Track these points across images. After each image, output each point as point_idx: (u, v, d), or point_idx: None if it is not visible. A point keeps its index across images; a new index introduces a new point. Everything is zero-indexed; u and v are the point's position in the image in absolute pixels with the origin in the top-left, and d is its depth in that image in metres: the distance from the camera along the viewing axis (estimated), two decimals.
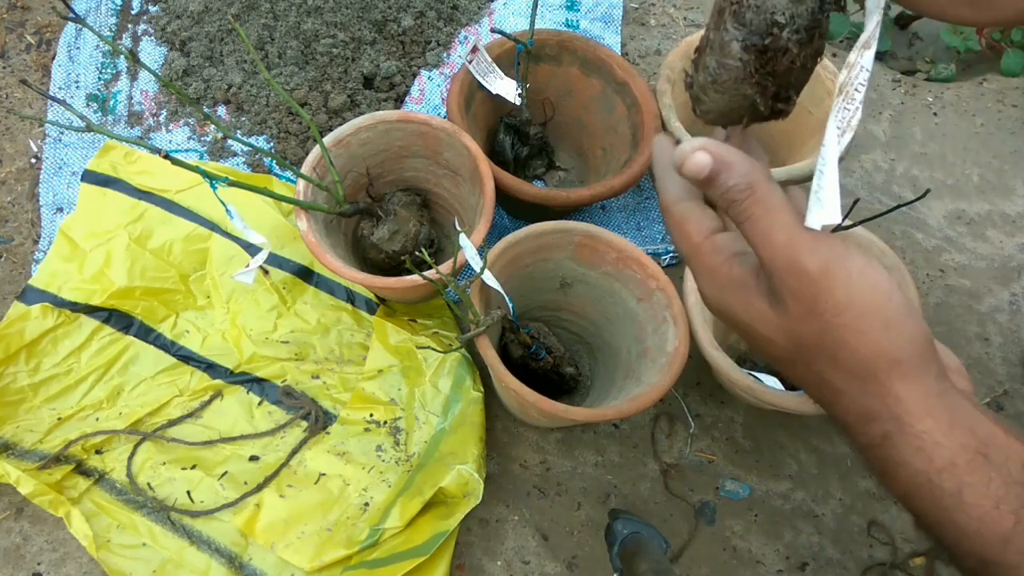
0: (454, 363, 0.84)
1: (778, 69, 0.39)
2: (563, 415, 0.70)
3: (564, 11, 1.15)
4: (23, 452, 0.79)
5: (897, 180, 1.11)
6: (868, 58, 0.37)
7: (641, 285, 0.80)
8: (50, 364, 0.83)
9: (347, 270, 0.76)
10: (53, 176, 0.95)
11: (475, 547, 0.80)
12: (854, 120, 0.39)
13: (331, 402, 0.85)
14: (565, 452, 0.86)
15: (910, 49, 1.35)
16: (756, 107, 0.40)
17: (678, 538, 0.82)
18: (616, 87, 0.96)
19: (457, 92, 0.89)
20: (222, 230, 0.92)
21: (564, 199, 0.86)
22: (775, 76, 0.39)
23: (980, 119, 1.18)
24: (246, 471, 0.81)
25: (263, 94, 1.01)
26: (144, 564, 0.75)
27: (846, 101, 0.38)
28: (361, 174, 0.87)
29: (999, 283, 1.03)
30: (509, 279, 0.78)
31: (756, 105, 0.40)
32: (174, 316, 0.88)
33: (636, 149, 0.91)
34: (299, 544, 0.75)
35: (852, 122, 0.38)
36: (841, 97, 0.38)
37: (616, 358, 0.84)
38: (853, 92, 0.38)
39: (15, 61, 1.05)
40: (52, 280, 0.86)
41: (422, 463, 0.80)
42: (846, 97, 0.38)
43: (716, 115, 0.42)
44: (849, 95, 0.38)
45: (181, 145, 0.99)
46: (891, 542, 0.84)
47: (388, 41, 1.05)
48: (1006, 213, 1.10)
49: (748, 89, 0.40)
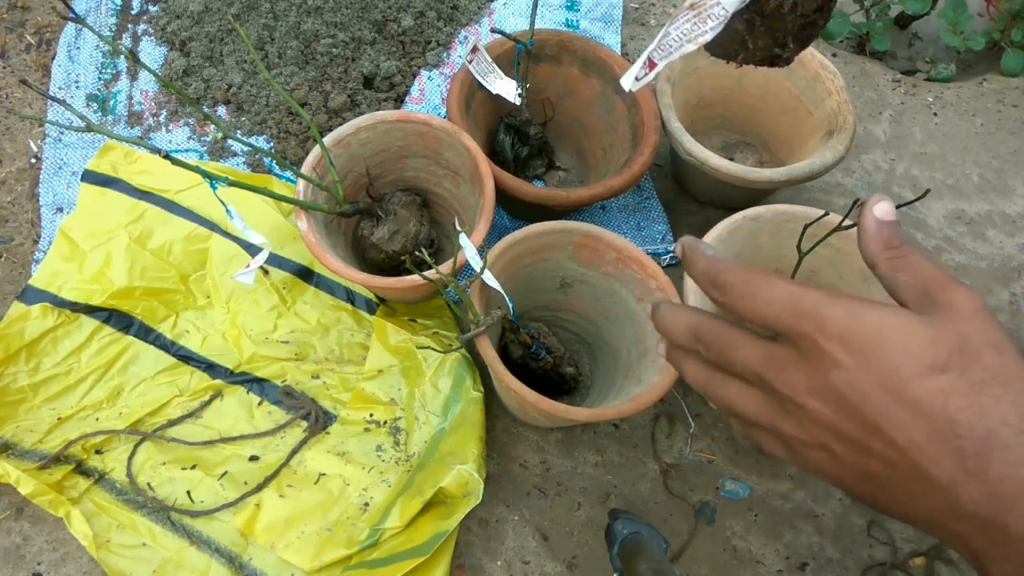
0: (454, 363, 0.85)
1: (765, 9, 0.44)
2: (563, 415, 0.70)
3: (564, 11, 1.15)
4: (23, 452, 0.79)
5: (897, 180, 1.11)
6: None
7: (641, 285, 0.80)
8: (50, 364, 0.83)
9: (347, 270, 0.76)
10: (53, 176, 0.95)
11: (475, 547, 0.80)
12: (700, 39, 0.44)
13: (331, 402, 0.85)
14: (565, 452, 0.86)
15: (910, 49, 1.35)
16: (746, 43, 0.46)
17: (678, 538, 0.82)
18: (616, 87, 0.96)
19: (457, 92, 0.89)
20: (222, 230, 0.92)
21: (564, 199, 0.86)
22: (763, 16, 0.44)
23: (980, 119, 1.18)
24: (246, 471, 0.81)
25: (263, 94, 1.01)
26: (144, 564, 0.75)
27: (698, 18, 0.43)
28: (361, 174, 0.87)
29: (999, 283, 1.03)
30: (509, 279, 0.78)
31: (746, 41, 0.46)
32: (174, 316, 0.88)
33: (636, 149, 0.91)
34: (299, 544, 0.75)
35: (698, 39, 0.44)
36: (693, 11, 0.43)
37: (616, 358, 0.84)
38: (707, 13, 0.43)
39: (15, 61, 1.05)
40: (52, 280, 0.86)
41: (422, 463, 0.80)
42: (699, 14, 0.43)
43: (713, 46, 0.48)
44: (703, 14, 0.43)
45: (181, 145, 0.99)
46: (891, 542, 0.84)
47: (388, 41, 1.05)
48: (1006, 213, 1.10)
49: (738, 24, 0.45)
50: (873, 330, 0.33)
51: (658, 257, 0.97)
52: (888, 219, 0.37)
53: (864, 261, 0.38)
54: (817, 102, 0.97)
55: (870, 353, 0.33)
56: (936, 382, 0.32)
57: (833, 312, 0.34)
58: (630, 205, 1.03)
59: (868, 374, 0.33)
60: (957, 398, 0.31)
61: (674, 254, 0.98)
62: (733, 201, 0.97)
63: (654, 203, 1.03)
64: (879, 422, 0.33)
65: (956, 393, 0.31)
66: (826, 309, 0.34)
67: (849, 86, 1.18)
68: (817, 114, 0.97)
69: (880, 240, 0.37)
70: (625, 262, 0.80)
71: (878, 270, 0.37)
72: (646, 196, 1.03)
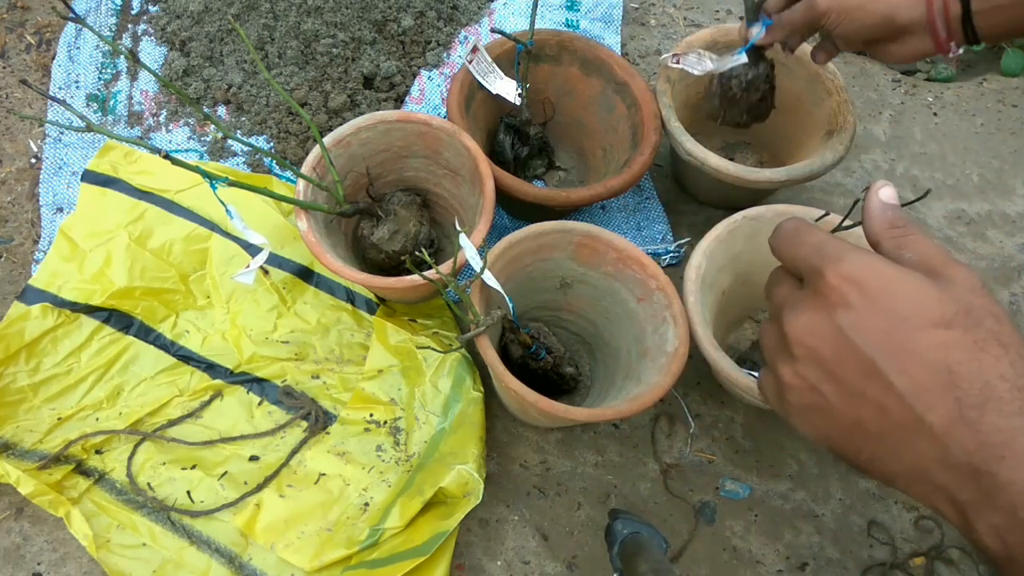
0: (454, 363, 0.85)
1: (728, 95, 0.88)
2: (563, 415, 0.70)
3: (564, 11, 1.15)
4: (23, 452, 0.79)
5: (897, 180, 1.11)
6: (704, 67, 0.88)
7: (641, 285, 0.80)
8: (50, 364, 0.83)
9: (347, 270, 0.76)
10: (53, 176, 0.95)
11: (475, 547, 0.80)
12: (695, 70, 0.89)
13: (331, 402, 0.85)
14: (565, 452, 0.86)
15: None
16: (722, 112, 0.90)
17: (678, 538, 0.82)
18: (616, 87, 0.96)
19: (457, 92, 0.89)
20: (222, 230, 0.92)
21: (564, 199, 0.86)
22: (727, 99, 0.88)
23: (980, 119, 1.18)
24: (246, 471, 0.81)
25: (263, 94, 1.01)
26: (144, 564, 0.75)
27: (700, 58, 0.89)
28: (361, 174, 0.87)
29: (999, 283, 1.03)
30: (509, 279, 0.78)
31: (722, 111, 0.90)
32: (174, 316, 0.88)
33: (636, 149, 0.91)
34: (299, 544, 0.75)
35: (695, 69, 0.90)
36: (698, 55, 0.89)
37: (616, 358, 0.84)
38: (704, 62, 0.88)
39: (15, 61, 1.05)
40: (52, 280, 0.86)
41: (422, 463, 0.80)
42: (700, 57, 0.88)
43: (706, 114, 0.93)
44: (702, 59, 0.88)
45: (181, 145, 0.99)
46: (891, 542, 0.84)
47: (388, 41, 1.05)
48: (1006, 213, 1.10)
49: (715, 100, 0.90)
50: (887, 280, 0.34)
51: (658, 257, 0.97)
52: (891, 202, 0.38)
53: (867, 240, 0.38)
54: (817, 102, 0.97)
55: (881, 299, 0.34)
56: (941, 335, 0.33)
57: (852, 257, 0.35)
58: (630, 205, 1.03)
59: (875, 319, 0.34)
60: (959, 351, 0.32)
61: (674, 254, 0.98)
62: (733, 201, 0.97)
63: (654, 203, 1.03)
64: (879, 365, 0.34)
65: (959, 347, 0.33)
66: (847, 254, 0.35)
67: (849, 86, 1.18)
68: (817, 114, 0.97)
69: (885, 219, 0.38)
70: (625, 262, 0.80)
71: (881, 247, 0.38)
72: (646, 196, 1.03)
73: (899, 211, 0.38)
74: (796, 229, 0.39)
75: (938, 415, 0.33)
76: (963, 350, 0.33)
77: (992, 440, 0.32)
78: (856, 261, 0.35)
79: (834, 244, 0.36)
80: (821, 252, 0.36)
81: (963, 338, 0.33)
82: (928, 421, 0.33)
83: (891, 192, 0.39)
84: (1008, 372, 0.32)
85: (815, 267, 0.36)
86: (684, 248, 0.98)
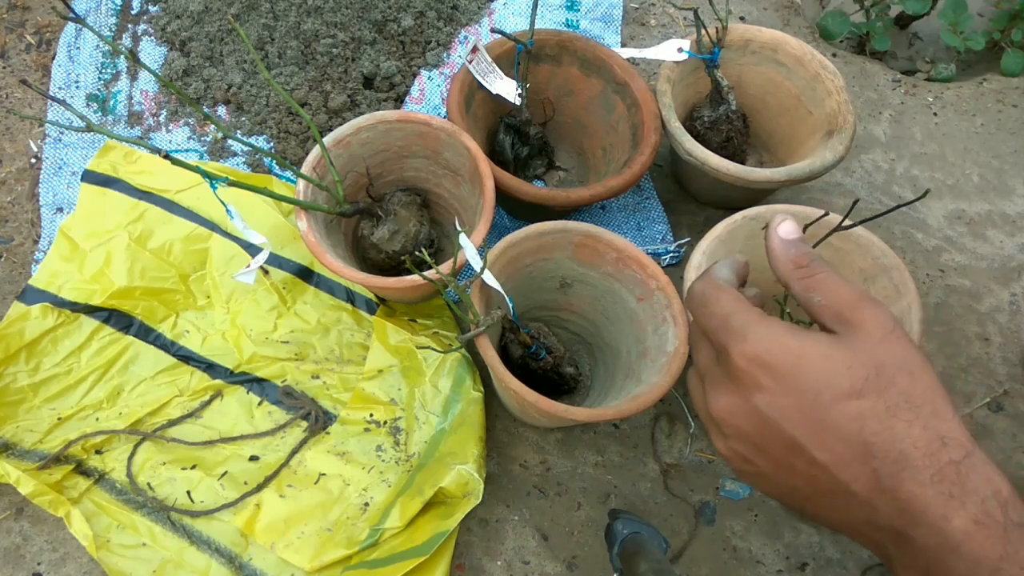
0: (454, 363, 0.85)
1: (696, 134, 0.96)
2: (563, 415, 0.70)
3: (564, 11, 1.15)
4: (23, 452, 0.79)
5: (897, 180, 1.11)
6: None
7: (641, 285, 0.80)
8: (50, 364, 0.83)
9: (347, 270, 0.76)
10: (53, 176, 0.95)
11: (475, 547, 0.80)
12: None
13: (331, 402, 0.85)
14: (565, 452, 0.86)
15: (910, 49, 1.35)
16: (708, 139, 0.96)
17: (678, 538, 0.82)
18: (616, 87, 0.96)
19: (457, 92, 0.89)
20: (222, 230, 0.92)
21: (564, 199, 0.86)
22: (698, 137, 0.94)
23: (980, 119, 1.18)
24: (246, 471, 0.81)
25: (263, 94, 1.01)
26: (144, 564, 0.75)
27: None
28: (361, 174, 0.87)
29: (999, 283, 1.03)
30: (509, 279, 0.78)
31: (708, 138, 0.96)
32: (174, 316, 0.88)
33: (636, 149, 0.91)
34: (299, 544, 0.75)
35: None
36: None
37: (616, 358, 0.84)
38: None
39: (15, 61, 1.05)
40: (52, 280, 0.86)
41: (422, 463, 0.80)
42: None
43: None
44: None
45: (181, 145, 0.99)
46: None
47: (388, 41, 1.05)
48: (1006, 213, 1.10)
49: None
50: (793, 355, 0.35)
51: (658, 257, 0.97)
52: (792, 237, 0.39)
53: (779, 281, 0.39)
54: (817, 102, 0.97)
55: (790, 378, 0.35)
56: (853, 407, 0.34)
57: (755, 335, 0.36)
58: (630, 205, 1.03)
59: (789, 397, 0.35)
60: (873, 421, 0.33)
61: (674, 254, 0.98)
62: (733, 201, 0.97)
63: (654, 203, 1.03)
64: (800, 442, 0.35)
65: (872, 416, 0.34)
66: (750, 331, 0.36)
67: (849, 86, 1.18)
68: (817, 114, 0.97)
69: (788, 259, 0.38)
70: (625, 262, 0.80)
71: (791, 290, 0.38)
72: (646, 196, 1.03)
73: (801, 247, 0.39)
74: (703, 296, 0.39)
75: (861, 485, 0.34)
76: (876, 419, 0.33)
77: (910, 508, 0.33)
78: (760, 339, 0.35)
79: (739, 318, 0.37)
80: (727, 328, 0.37)
81: (875, 405, 0.34)
82: (853, 490, 0.34)
83: (790, 227, 0.39)
84: (920, 438, 0.33)
85: (722, 344, 0.37)
86: (684, 248, 0.98)
